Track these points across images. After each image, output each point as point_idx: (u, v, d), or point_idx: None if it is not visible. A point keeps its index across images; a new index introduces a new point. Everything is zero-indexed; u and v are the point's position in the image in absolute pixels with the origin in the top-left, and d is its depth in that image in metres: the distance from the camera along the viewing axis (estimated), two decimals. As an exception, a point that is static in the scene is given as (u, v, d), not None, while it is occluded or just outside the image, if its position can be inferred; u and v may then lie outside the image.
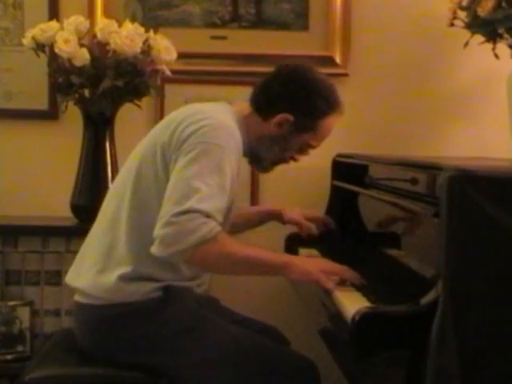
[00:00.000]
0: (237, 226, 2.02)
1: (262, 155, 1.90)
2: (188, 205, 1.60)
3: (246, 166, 1.96)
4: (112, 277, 1.72)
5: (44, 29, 2.26)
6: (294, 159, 1.95)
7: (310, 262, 1.75)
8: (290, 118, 1.83)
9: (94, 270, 1.76)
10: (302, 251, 2.24)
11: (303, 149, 1.93)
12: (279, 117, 1.84)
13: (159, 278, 1.74)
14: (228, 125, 1.75)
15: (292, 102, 1.84)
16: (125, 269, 1.72)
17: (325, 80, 1.89)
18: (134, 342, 1.73)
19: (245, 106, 1.91)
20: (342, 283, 1.69)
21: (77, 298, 1.81)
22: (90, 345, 1.78)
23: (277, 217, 2.20)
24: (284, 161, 1.95)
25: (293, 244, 2.30)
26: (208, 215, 1.61)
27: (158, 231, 1.61)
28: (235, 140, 1.74)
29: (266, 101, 1.87)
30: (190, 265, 1.73)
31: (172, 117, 1.82)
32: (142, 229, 1.72)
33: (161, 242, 1.60)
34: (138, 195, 1.76)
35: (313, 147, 1.93)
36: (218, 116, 1.76)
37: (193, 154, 1.66)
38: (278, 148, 1.89)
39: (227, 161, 1.68)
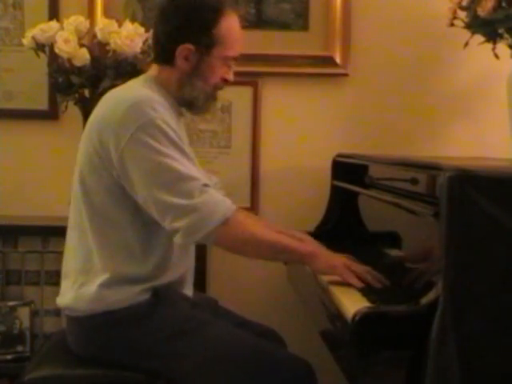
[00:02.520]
0: None
1: (190, 97, 1.82)
2: (187, 187, 1.62)
3: (244, 168, 1.92)
4: (93, 287, 1.71)
5: (44, 29, 2.25)
6: (226, 80, 1.84)
7: (335, 256, 1.74)
8: (189, 46, 1.76)
9: (76, 286, 1.75)
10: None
11: (225, 64, 1.82)
12: (179, 52, 1.76)
13: (143, 278, 1.72)
14: (144, 95, 1.70)
15: (180, 31, 1.76)
16: (103, 276, 1.71)
17: None
18: (127, 349, 1.71)
19: (153, 68, 1.86)
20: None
21: (65, 312, 1.80)
22: (86, 355, 1.76)
23: None
24: (216, 87, 1.84)
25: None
26: (206, 185, 1.64)
27: (176, 223, 1.62)
28: (158, 103, 1.70)
29: (160, 47, 1.81)
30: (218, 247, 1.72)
31: (91, 120, 1.78)
32: (108, 234, 1.72)
33: (184, 232, 1.62)
34: (89, 204, 1.74)
35: (233, 58, 1.82)
36: (131, 93, 1.73)
37: (141, 142, 1.64)
38: (199, 80, 1.80)
39: (167, 127, 1.66)
